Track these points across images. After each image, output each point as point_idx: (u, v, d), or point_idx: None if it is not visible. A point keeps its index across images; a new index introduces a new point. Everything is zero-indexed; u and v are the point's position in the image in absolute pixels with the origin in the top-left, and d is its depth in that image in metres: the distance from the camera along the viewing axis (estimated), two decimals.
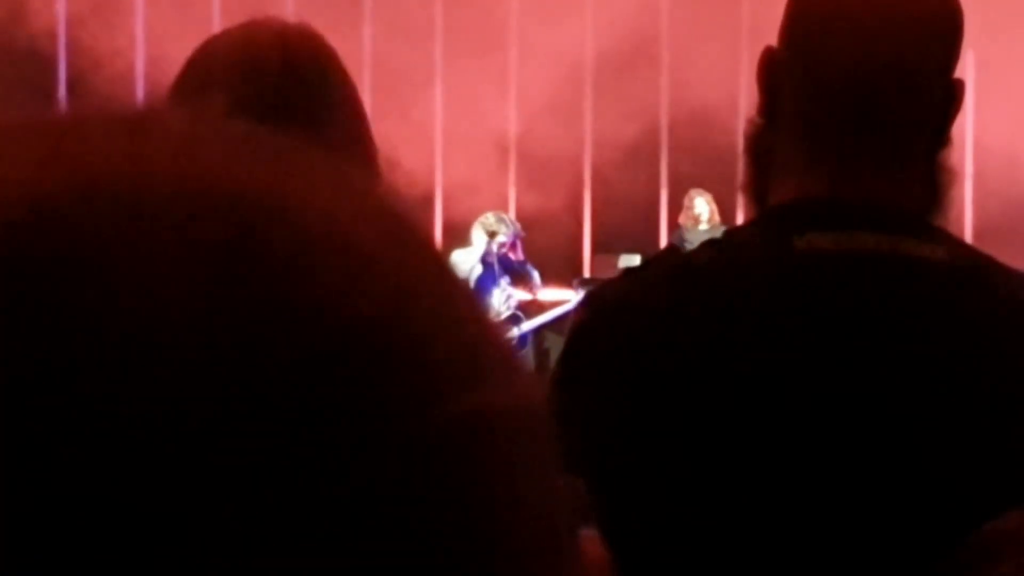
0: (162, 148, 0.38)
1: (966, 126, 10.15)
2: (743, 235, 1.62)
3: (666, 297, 1.53)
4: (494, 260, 9.22)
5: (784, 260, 1.52)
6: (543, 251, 9.67)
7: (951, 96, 1.57)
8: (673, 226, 10.66)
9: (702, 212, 9.98)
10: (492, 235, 9.26)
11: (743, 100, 9.87)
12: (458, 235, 9.49)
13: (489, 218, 9.35)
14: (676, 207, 10.48)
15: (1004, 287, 1.53)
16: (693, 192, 10.07)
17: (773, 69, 1.58)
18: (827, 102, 1.55)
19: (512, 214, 10.10)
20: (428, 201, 10.35)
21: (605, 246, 10.87)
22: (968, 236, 9.23)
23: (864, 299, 1.50)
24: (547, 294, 9.57)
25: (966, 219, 9.92)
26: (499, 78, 10.44)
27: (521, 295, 9.42)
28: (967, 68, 10.37)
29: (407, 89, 10.36)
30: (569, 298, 9.28)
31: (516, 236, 9.39)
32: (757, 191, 1.61)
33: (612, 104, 10.48)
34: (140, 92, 8.84)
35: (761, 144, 1.61)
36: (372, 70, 10.13)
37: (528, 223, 10.09)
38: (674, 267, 1.58)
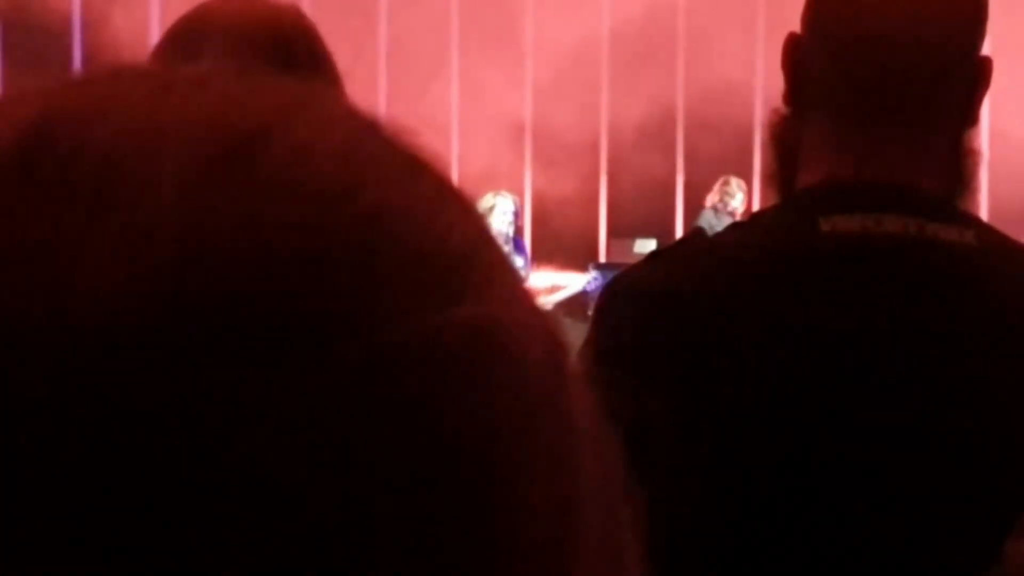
0: (172, 87, 0.39)
1: (983, 111, 10.13)
2: (769, 218, 1.60)
3: (693, 281, 1.52)
4: (509, 240, 9.22)
5: (810, 242, 1.51)
6: (558, 236, 9.66)
7: (978, 75, 1.56)
8: (689, 209, 10.62)
9: (737, 203, 9.86)
10: (491, 209, 9.24)
11: (760, 81, 9.84)
12: None
13: (488, 197, 9.35)
14: (692, 191, 10.45)
15: (1022, 273, 1.52)
16: (732, 178, 9.96)
17: (797, 55, 1.57)
18: (853, 85, 1.54)
19: (528, 198, 10.10)
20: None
21: (621, 231, 10.85)
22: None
23: (890, 282, 1.49)
24: (543, 278, 9.52)
25: (981, 204, 9.89)
26: (515, 61, 10.43)
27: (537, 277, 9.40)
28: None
29: (422, 74, 10.36)
30: (566, 284, 9.26)
31: (514, 211, 9.38)
32: (784, 181, 1.60)
33: (628, 86, 10.46)
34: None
35: (787, 133, 1.60)
36: (388, 56, 10.13)
37: (543, 207, 10.08)
38: (701, 251, 1.57)
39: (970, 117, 1.58)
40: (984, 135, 10.17)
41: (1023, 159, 10.27)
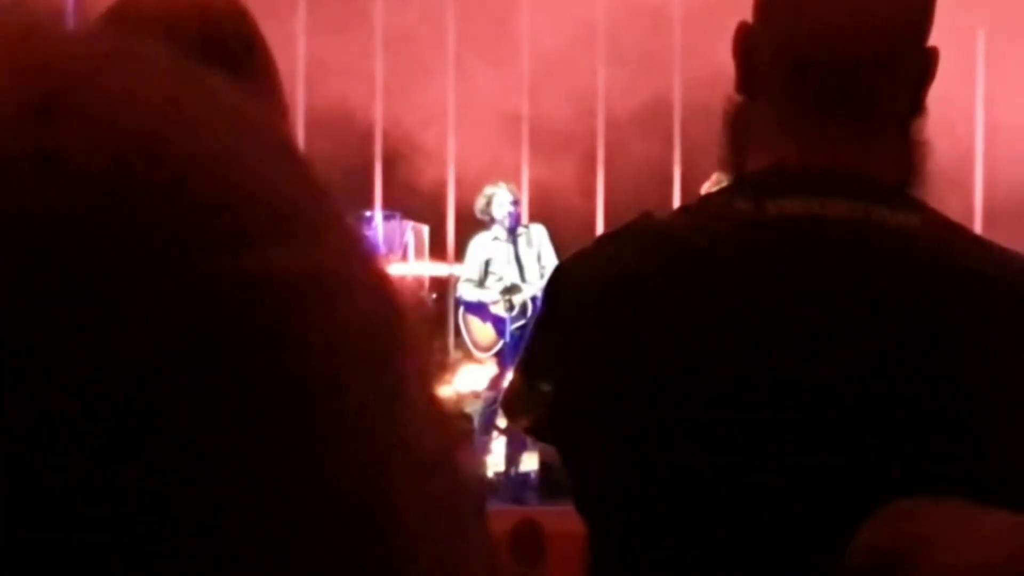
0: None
1: (976, 108, 10.12)
2: (716, 201, 1.63)
3: (640, 262, 1.54)
4: (506, 231, 9.19)
5: (757, 225, 1.53)
6: (555, 225, 9.63)
7: (925, 65, 1.59)
8: (687, 198, 10.58)
9: None
10: (489, 199, 9.19)
11: None
12: (470, 212, 9.47)
13: (488, 189, 9.31)
14: (689, 177, 10.40)
15: (969, 258, 1.54)
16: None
17: (749, 44, 1.60)
18: (802, 73, 1.57)
19: (525, 190, 10.07)
20: (440, 179, 10.33)
21: (618, 220, 10.76)
22: (977, 219, 9.20)
23: (836, 265, 1.51)
24: None
25: (976, 202, 9.88)
26: (511, 51, 10.40)
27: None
28: (977, 46, 10.33)
29: (418, 67, 10.33)
30: None
31: (517, 200, 9.34)
32: (735, 166, 1.63)
33: (624, 74, 10.42)
34: None
35: (739, 119, 1.63)
36: (384, 50, 10.11)
37: (540, 199, 10.06)
38: (648, 233, 1.59)
39: (917, 107, 1.60)
40: (979, 127, 10.12)
41: (1017, 151, 10.26)
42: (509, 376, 1.69)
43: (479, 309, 9.18)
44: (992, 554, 0.95)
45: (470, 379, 8.52)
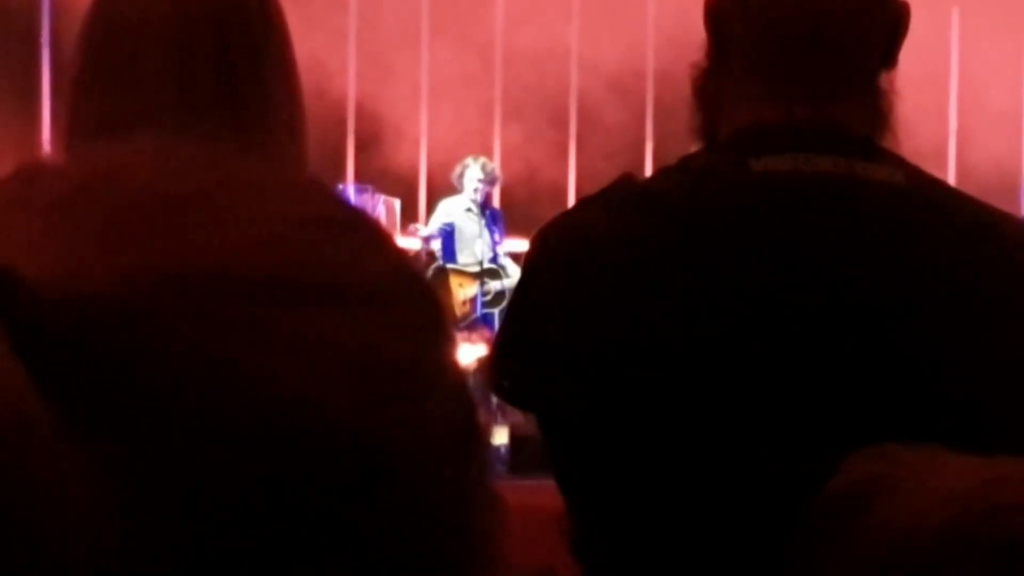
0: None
1: (950, 86, 10.15)
2: (700, 161, 1.61)
3: (626, 224, 1.52)
4: (476, 206, 9.20)
5: (742, 183, 1.52)
6: (527, 196, 9.63)
7: (897, 18, 1.60)
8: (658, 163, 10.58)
9: None
10: (461, 172, 9.21)
11: None
12: (444, 182, 9.47)
13: (467, 161, 9.31)
14: (661, 145, 10.38)
15: (952, 210, 1.55)
16: None
17: (719, 11, 1.61)
18: (776, 32, 1.57)
19: (497, 156, 10.07)
20: (414, 149, 10.32)
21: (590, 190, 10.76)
22: None
23: (823, 220, 1.50)
24: (515, 246, 9.49)
25: (950, 173, 9.92)
26: (484, 31, 10.39)
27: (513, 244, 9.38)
28: (952, 26, 10.36)
29: (392, 37, 10.31)
30: None
31: (492, 179, 9.34)
32: (707, 131, 1.63)
33: (598, 37, 10.41)
34: None
35: (709, 85, 1.63)
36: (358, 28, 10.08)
37: (511, 173, 10.06)
38: (631, 195, 1.57)
39: (890, 59, 1.61)
40: (952, 106, 10.13)
41: (999, 130, 10.30)
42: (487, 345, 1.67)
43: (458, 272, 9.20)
44: (964, 484, 0.97)
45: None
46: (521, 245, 9.21)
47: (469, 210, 9.15)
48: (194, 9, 1.57)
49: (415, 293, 0.53)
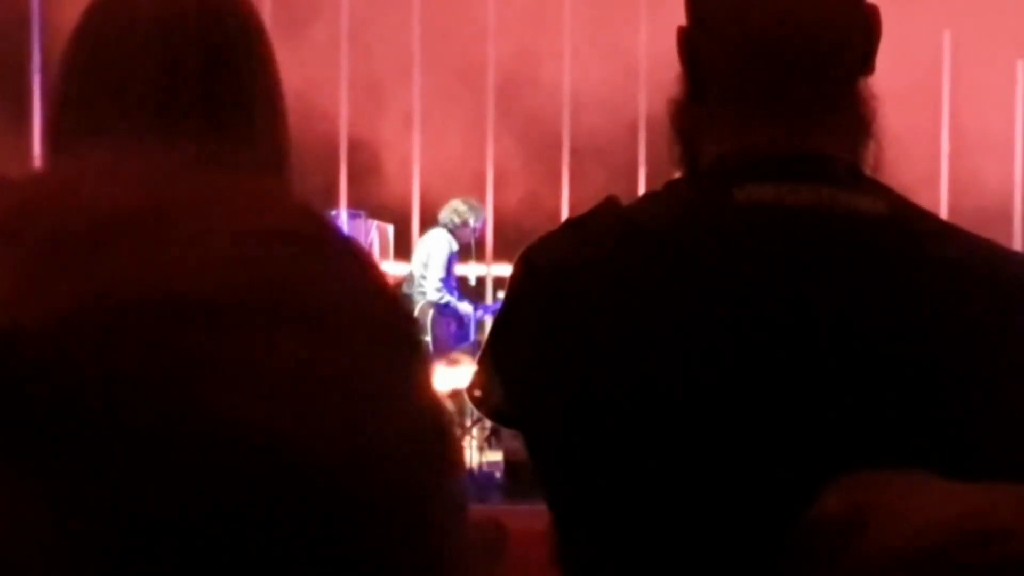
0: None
1: (943, 107, 10.17)
2: (683, 188, 1.61)
3: (608, 252, 1.52)
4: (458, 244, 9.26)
5: (724, 213, 1.52)
6: (521, 222, 9.65)
7: (868, 22, 1.59)
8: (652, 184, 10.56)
9: None
10: (464, 223, 9.26)
11: None
12: (437, 209, 9.48)
13: (459, 205, 9.34)
14: (654, 160, 10.39)
15: (935, 243, 1.53)
16: None
17: (692, 45, 1.60)
18: (754, 56, 1.56)
19: (489, 182, 10.09)
20: (407, 177, 10.32)
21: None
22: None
23: (805, 251, 1.49)
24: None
25: (942, 204, 9.92)
26: (478, 30, 10.38)
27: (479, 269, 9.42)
28: (944, 48, 10.39)
29: (384, 62, 10.33)
30: None
31: (463, 224, 9.39)
32: (688, 161, 1.62)
33: (590, 63, 10.42)
34: None
35: (687, 117, 1.62)
36: (348, 44, 10.09)
37: (505, 189, 10.07)
38: (616, 221, 1.56)
39: (867, 66, 1.60)
40: (944, 129, 10.17)
41: (991, 153, 10.33)
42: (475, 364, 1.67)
43: (447, 311, 9.20)
44: (941, 515, 0.97)
45: (444, 378, 8.54)
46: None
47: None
48: (179, 27, 1.58)
49: (382, 311, 0.51)
